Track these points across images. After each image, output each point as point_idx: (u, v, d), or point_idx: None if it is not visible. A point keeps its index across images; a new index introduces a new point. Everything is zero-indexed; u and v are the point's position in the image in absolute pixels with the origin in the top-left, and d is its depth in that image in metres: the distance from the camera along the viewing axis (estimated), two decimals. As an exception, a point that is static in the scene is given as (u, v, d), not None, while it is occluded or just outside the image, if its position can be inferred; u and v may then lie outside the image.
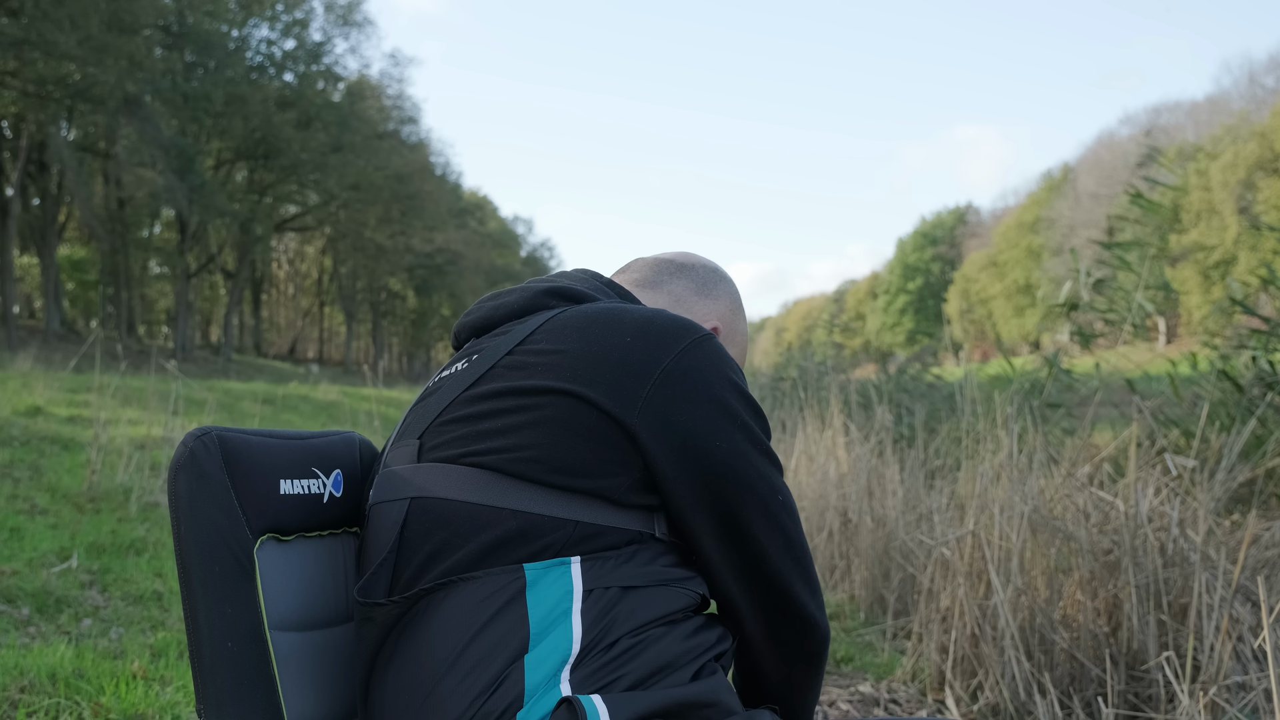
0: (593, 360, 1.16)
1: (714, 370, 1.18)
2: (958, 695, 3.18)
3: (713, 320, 1.46)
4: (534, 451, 1.16)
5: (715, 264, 1.54)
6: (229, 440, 1.27)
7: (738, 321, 1.51)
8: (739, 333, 1.51)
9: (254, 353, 49.36)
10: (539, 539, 1.14)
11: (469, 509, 1.16)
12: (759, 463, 1.19)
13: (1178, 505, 3.06)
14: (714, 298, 1.48)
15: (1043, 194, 59.75)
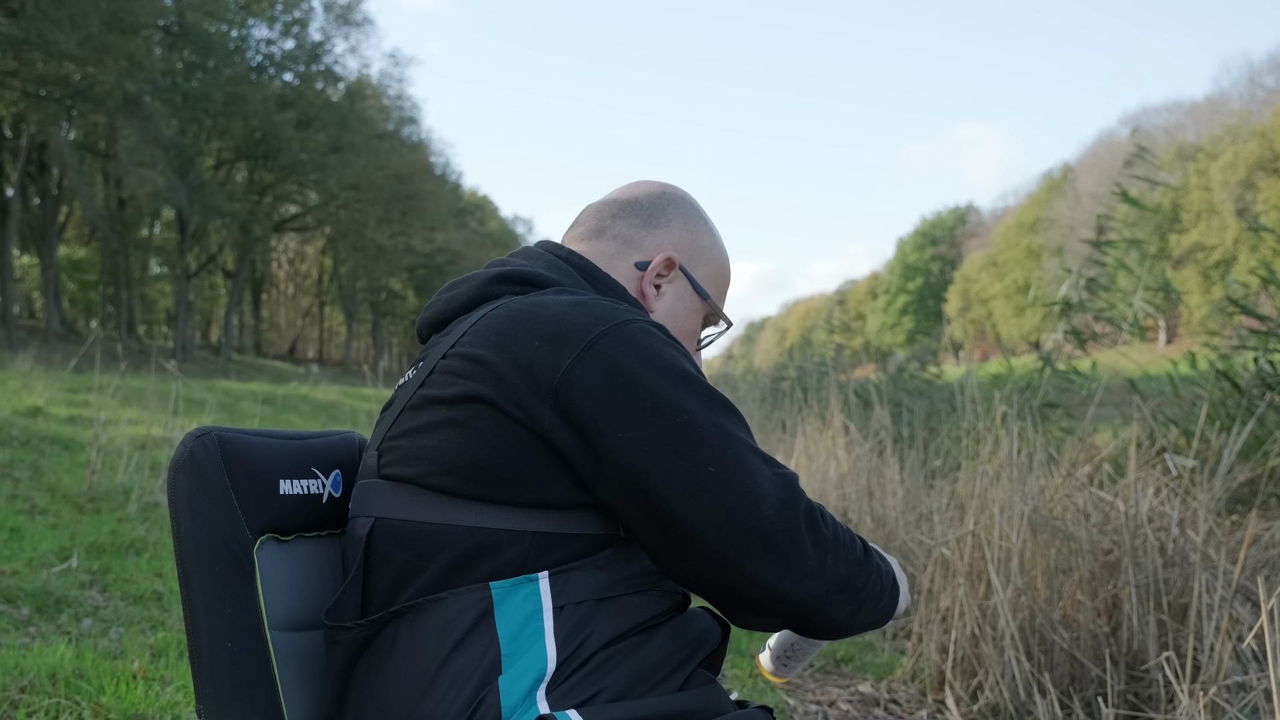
0: (507, 367, 1.12)
1: (619, 361, 1.09)
2: (958, 695, 3.18)
3: (666, 250, 1.35)
4: (473, 467, 1.13)
5: (664, 186, 1.43)
6: (228, 440, 1.27)
7: (699, 239, 1.39)
8: (704, 249, 1.39)
9: (254, 353, 49.36)
10: (499, 554, 1.12)
11: (426, 529, 1.15)
12: (679, 440, 1.07)
13: (1178, 505, 3.06)
14: (662, 225, 1.38)
15: (1043, 194, 59.76)
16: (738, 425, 1.12)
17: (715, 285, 1.40)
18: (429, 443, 1.16)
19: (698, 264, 1.38)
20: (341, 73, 40.20)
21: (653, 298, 1.35)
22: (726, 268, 1.43)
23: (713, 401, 1.10)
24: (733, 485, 1.07)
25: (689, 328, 1.38)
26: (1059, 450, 3.82)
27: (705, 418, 1.09)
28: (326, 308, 57.52)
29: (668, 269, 1.35)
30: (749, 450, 1.10)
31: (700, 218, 1.41)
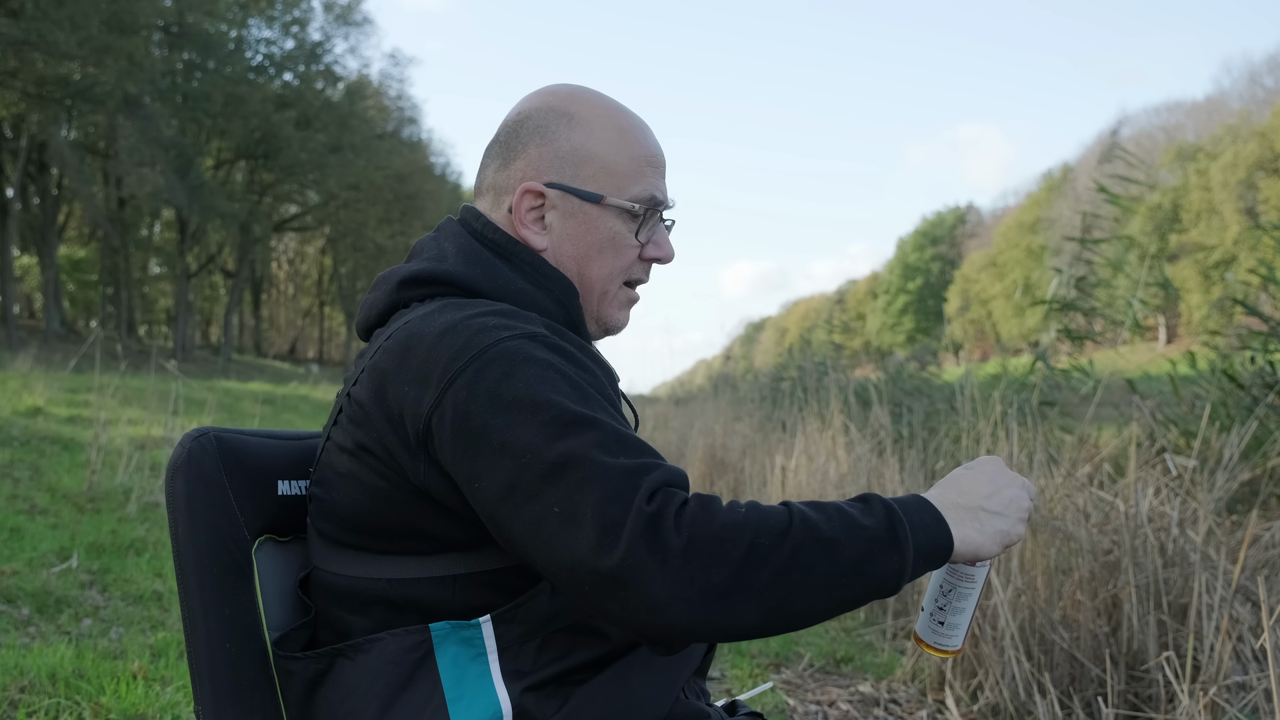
0: (382, 420, 1.08)
1: (470, 402, 1.00)
2: (958, 695, 3.18)
3: (523, 182, 1.21)
4: (374, 522, 1.12)
5: (522, 105, 1.26)
6: (227, 441, 1.27)
7: (564, 141, 1.21)
8: (577, 148, 1.21)
9: (254, 353, 49.37)
10: (428, 599, 1.10)
11: (351, 583, 1.15)
12: (527, 483, 0.97)
13: (1178, 505, 3.06)
14: (518, 155, 1.23)
15: (1043, 194, 59.78)
16: (587, 433, 0.98)
17: (609, 177, 1.21)
18: (336, 498, 1.15)
19: (575, 168, 1.21)
20: (341, 73, 40.23)
21: (536, 238, 1.21)
22: (619, 149, 1.22)
23: (561, 424, 0.98)
24: (577, 526, 0.94)
25: (604, 241, 1.22)
26: (1059, 450, 3.82)
27: (552, 451, 0.97)
28: (326, 308, 57.51)
29: (537, 200, 1.21)
30: (598, 470, 0.95)
31: (561, 117, 1.22)
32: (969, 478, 1.10)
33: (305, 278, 58.45)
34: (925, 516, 1.03)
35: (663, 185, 1.25)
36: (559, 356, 1.05)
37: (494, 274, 1.18)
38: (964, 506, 1.06)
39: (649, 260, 1.27)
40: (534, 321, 1.09)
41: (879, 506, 1.01)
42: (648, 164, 1.23)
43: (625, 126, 1.23)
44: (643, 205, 1.22)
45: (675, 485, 0.98)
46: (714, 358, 28.64)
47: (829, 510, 0.99)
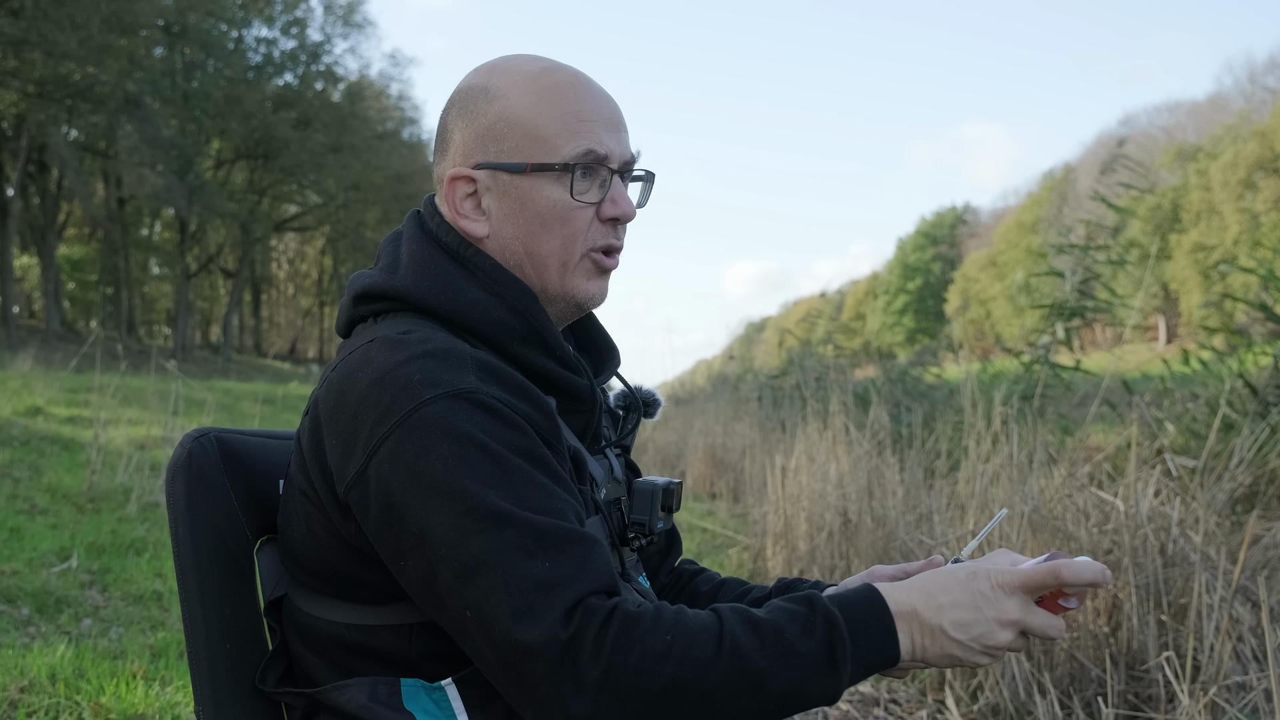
0: (316, 471, 1.07)
1: (392, 480, 0.98)
2: (958, 695, 3.18)
3: (454, 168, 1.15)
4: (324, 566, 1.10)
5: (451, 94, 1.20)
6: (227, 441, 1.27)
7: (481, 117, 1.14)
8: (495, 122, 1.14)
9: (254, 353, 49.37)
10: (387, 647, 1.08)
11: (316, 623, 1.14)
12: (445, 576, 0.95)
13: (1178, 505, 3.06)
14: (449, 145, 1.17)
15: (1043, 194, 59.79)
16: (503, 532, 0.93)
17: (533, 143, 1.13)
18: (294, 535, 1.14)
19: (497, 143, 1.14)
20: (341, 73, 40.24)
21: (475, 226, 1.16)
22: (539, 110, 1.13)
23: (476, 519, 0.94)
24: (489, 635, 0.92)
25: (544, 212, 1.14)
26: (1059, 450, 3.82)
27: (466, 552, 0.94)
28: (326, 308, 57.50)
29: (469, 187, 1.15)
30: (509, 580, 0.92)
31: (480, 94, 1.15)
32: (957, 589, 0.98)
33: (305, 278, 58.45)
34: (874, 626, 0.96)
35: (607, 138, 1.14)
36: (485, 417, 0.99)
37: (443, 286, 1.12)
38: (924, 619, 0.97)
39: (609, 220, 1.16)
40: (464, 366, 1.02)
41: (821, 623, 0.94)
42: (576, 119, 1.13)
43: (547, 86, 1.14)
44: (577, 161, 1.12)
45: (598, 592, 0.93)
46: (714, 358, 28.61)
47: (765, 632, 0.93)
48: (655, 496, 1.22)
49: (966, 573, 0.98)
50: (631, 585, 1.21)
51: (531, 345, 1.13)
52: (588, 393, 1.18)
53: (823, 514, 5.01)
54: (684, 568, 1.44)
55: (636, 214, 1.19)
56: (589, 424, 1.21)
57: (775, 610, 0.95)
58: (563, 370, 1.15)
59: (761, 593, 1.35)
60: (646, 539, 1.23)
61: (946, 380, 9.28)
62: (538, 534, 0.94)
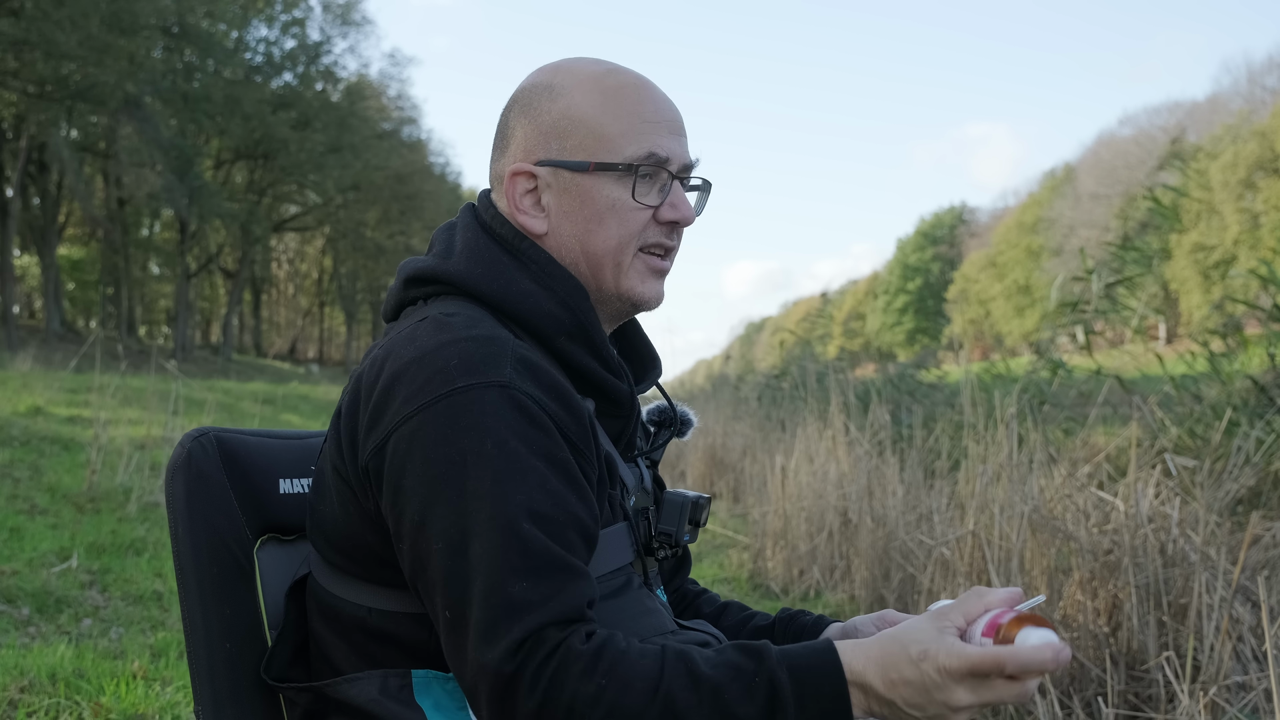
0: (347, 445, 1.07)
1: (406, 459, 1.00)
2: (958, 695, 3.18)
3: (513, 164, 1.16)
4: (352, 545, 1.10)
5: (515, 91, 1.20)
6: (227, 441, 1.27)
7: (545, 115, 1.15)
8: (559, 119, 1.14)
9: (254, 353, 49.36)
10: (408, 635, 1.09)
11: (338, 603, 1.14)
12: (438, 574, 0.97)
13: (1178, 505, 3.06)
14: (511, 141, 1.18)
15: (1043, 194, 59.76)
16: (494, 542, 0.95)
17: (597, 142, 1.13)
18: (325, 511, 1.14)
19: (560, 140, 1.14)
20: (341, 73, 40.23)
21: (534, 223, 1.16)
22: (605, 110, 1.13)
23: (475, 523, 0.96)
24: (459, 638, 0.96)
25: (603, 210, 1.14)
26: (1059, 450, 3.82)
27: (456, 555, 0.96)
28: (326, 308, 57.51)
29: (530, 183, 1.16)
30: (486, 595, 0.94)
31: (544, 91, 1.16)
32: (908, 670, 0.93)
33: (305, 278, 58.43)
34: (825, 689, 0.92)
35: (669, 143, 1.15)
36: (512, 413, 0.99)
37: (496, 274, 1.13)
38: (881, 697, 0.93)
39: (666, 223, 1.17)
40: (503, 357, 1.02)
41: (764, 686, 0.91)
42: (640, 119, 1.13)
43: (612, 86, 1.14)
44: (639, 163, 1.13)
45: (559, 623, 0.94)
46: (714, 357, 28.61)
47: (704, 689, 0.91)
48: (684, 509, 1.23)
49: (918, 651, 0.93)
50: (651, 595, 1.21)
51: (578, 342, 1.13)
52: (627, 397, 1.18)
53: (823, 514, 5.01)
54: (687, 588, 1.44)
55: (695, 219, 1.19)
56: (625, 429, 1.20)
57: (722, 665, 0.94)
58: (605, 372, 1.15)
59: (764, 621, 1.33)
60: (672, 550, 1.23)
61: (947, 380, 9.27)
62: (526, 551, 0.95)
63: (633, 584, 1.16)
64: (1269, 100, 44.97)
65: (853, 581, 4.65)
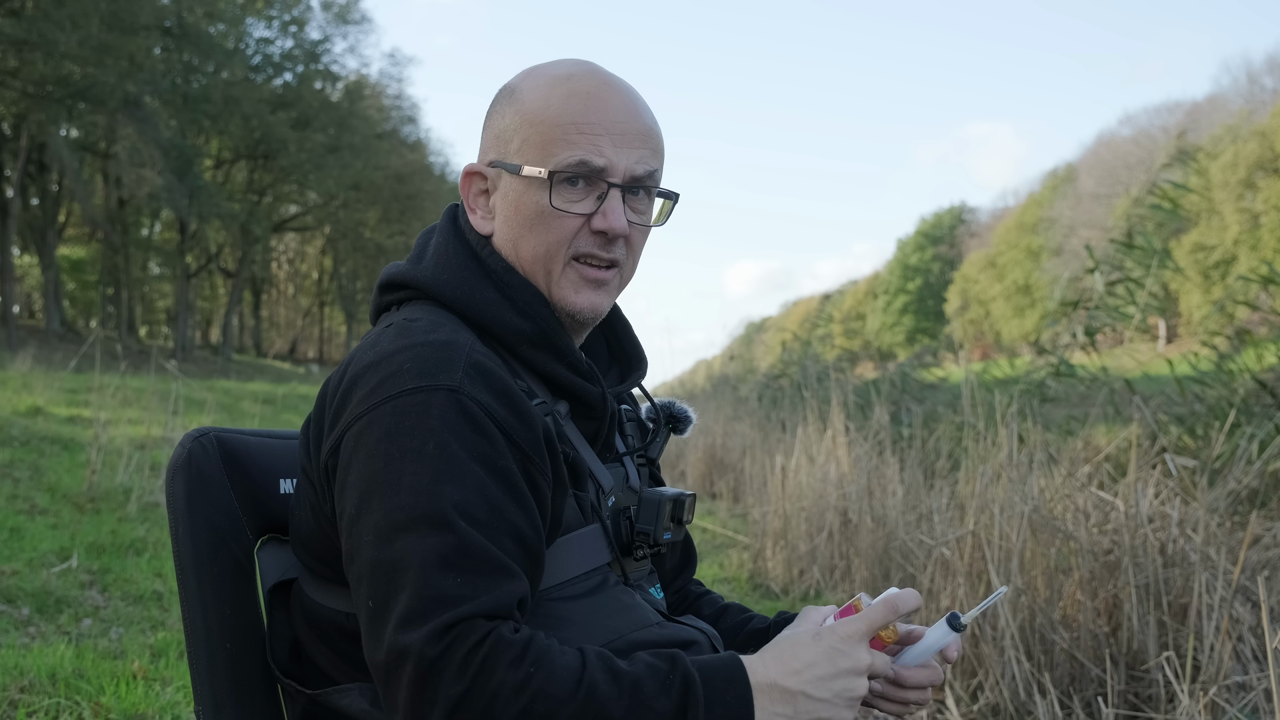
0: (316, 444, 1.10)
1: (354, 456, 1.01)
2: (958, 695, 3.18)
3: (471, 163, 1.20)
4: (323, 549, 1.12)
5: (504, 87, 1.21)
6: (227, 441, 1.27)
7: (500, 119, 1.17)
8: (509, 123, 1.15)
9: (254, 353, 49.37)
10: None
11: (319, 609, 1.15)
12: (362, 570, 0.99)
13: (1178, 506, 3.06)
14: (484, 137, 1.20)
15: (1043, 194, 59.75)
16: (429, 537, 0.95)
17: (533, 146, 1.13)
18: (301, 516, 1.16)
19: (506, 143, 1.15)
20: (340, 72, 40.21)
21: (483, 224, 1.18)
22: (546, 114, 1.13)
23: (408, 518, 0.96)
24: (378, 628, 0.96)
25: (531, 215, 1.14)
26: (1059, 450, 3.82)
27: (386, 547, 0.96)
28: (326, 308, 57.52)
29: (482, 183, 1.19)
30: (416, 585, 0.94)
31: (507, 95, 1.18)
32: (809, 650, 1.01)
33: (305, 278, 58.43)
34: (731, 695, 0.97)
35: (611, 152, 1.12)
36: (457, 417, 1.00)
37: (460, 281, 1.14)
38: (784, 688, 0.98)
39: (598, 233, 1.14)
40: (456, 363, 1.03)
41: (679, 683, 0.96)
42: (577, 129, 1.12)
43: (564, 92, 1.13)
44: (566, 169, 1.11)
45: (487, 616, 0.94)
46: (714, 358, 28.59)
47: (624, 684, 0.95)
48: (662, 507, 1.21)
49: (812, 635, 1.02)
50: (642, 595, 1.20)
51: (542, 349, 1.14)
52: (599, 400, 1.18)
53: (823, 514, 5.01)
54: (689, 589, 1.44)
55: (628, 229, 1.15)
56: (600, 430, 1.21)
57: (639, 662, 0.98)
58: (573, 376, 1.16)
59: (760, 624, 1.34)
60: (652, 549, 1.22)
61: (947, 381, 9.27)
62: (460, 547, 0.95)
63: (609, 582, 1.16)
64: (1269, 100, 44.96)
65: (853, 581, 4.65)
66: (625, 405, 1.34)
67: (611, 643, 1.11)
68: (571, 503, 1.13)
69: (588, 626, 1.11)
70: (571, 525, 1.13)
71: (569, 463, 1.13)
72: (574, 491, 1.14)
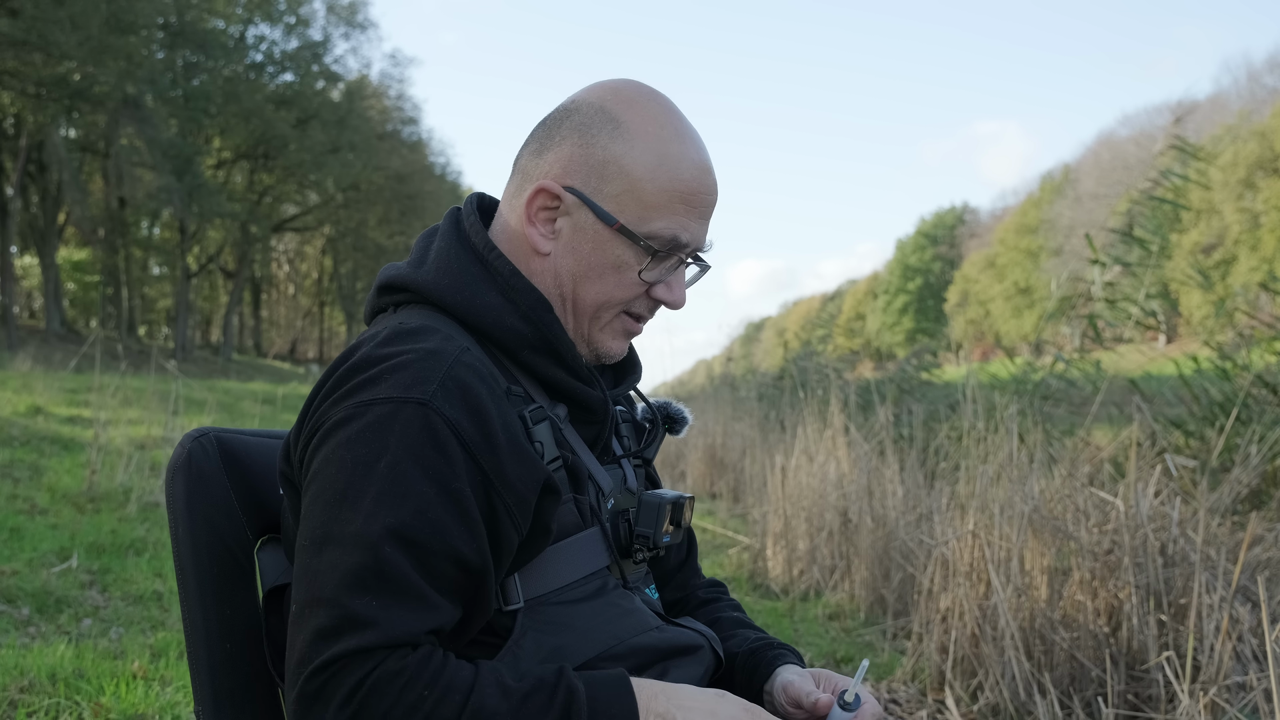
0: (295, 445, 1.11)
1: (323, 464, 1.01)
2: (958, 695, 3.18)
3: (545, 177, 1.14)
4: None
5: (583, 92, 1.18)
6: (227, 441, 1.27)
7: (600, 150, 1.12)
8: (610, 162, 1.12)
9: (254, 353, 49.37)
10: None
11: None
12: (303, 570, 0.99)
13: (1178, 506, 3.06)
14: (553, 145, 1.15)
15: (1043, 195, 59.74)
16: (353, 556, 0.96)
17: (634, 202, 1.12)
18: (286, 521, 1.16)
19: (601, 181, 1.12)
20: (342, 73, 40.21)
21: (541, 241, 1.15)
22: (654, 175, 1.11)
23: (342, 535, 0.97)
24: (295, 636, 0.97)
25: (607, 266, 1.14)
26: (1059, 450, 3.82)
27: (316, 559, 0.98)
28: (326, 308, 57.52)
29: (553, 201, 1.14)
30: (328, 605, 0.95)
31: (608, 122, 1.13)
32: (705, 703, 1.04)
33: (305, 278, 58.44)
34: (616, 708, 1.00)
35: (695, 226, 1.14)
36: (419, 433, 0.99)
37: (462, 286, 1.14)
38: (660, 712, 1.02)
39: (656, 300, 1.18)
40: (434, 376, 1.02)
41: (563, 694, 0.98)
42: (682, 200, 1.12)
43: (672, 153, 1.12)
44: (660, 244, 1.13)
45: (387, 646, 0.94)
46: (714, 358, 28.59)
47: (513, 700, 0.97)
48: (662, 510, 1.21)
49: (715, 693, 1.06)
50: (640, 598, 1.20)
51: (543, 354, 1.14)
52: (599, 403, 1.18)
53: (823, 514, 5.01)
54: (693, 585, 1.43)
55: (684, 305, 1.20)
56: (600, 434, 1.21)
57: (528, 677, 1.00)
58: (574, 380, 1.16)
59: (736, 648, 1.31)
60: (651, 552, 1.22)
61: (947, 381, 9.27)
62: (379, 572, 0.96)
63: (609, 587, 1.16)
64: (1269, 100, 44.94)
65: (853, 581, 4.65)
66: (620, 406, 1.34)
67: (612, 648, 1.11)
68: (571, 506, 1.13)
69: (587, 632, 1.11)
70: (568, 530, 1.13)
71: (568, 466, 1.13)
72: (574, 495, 1.13)
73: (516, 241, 1.17)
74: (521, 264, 1.17)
